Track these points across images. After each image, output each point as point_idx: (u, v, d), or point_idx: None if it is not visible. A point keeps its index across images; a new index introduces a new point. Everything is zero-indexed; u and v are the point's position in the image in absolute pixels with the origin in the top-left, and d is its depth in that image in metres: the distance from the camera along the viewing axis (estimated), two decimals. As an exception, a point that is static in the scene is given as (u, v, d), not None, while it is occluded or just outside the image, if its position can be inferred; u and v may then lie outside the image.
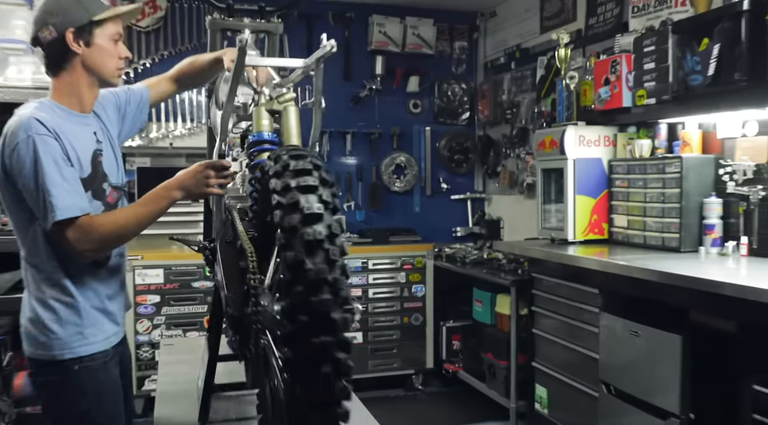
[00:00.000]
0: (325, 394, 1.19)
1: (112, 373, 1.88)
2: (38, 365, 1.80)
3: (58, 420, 1.83)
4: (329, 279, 1.17)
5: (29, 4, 3.66)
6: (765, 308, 2.02)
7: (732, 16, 2.56)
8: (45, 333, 1.77)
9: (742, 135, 2.86)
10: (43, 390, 1.84)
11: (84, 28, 1.78)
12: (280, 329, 1.20)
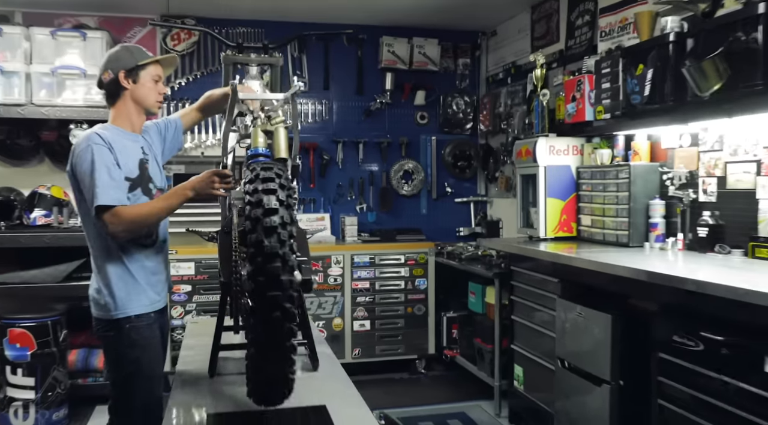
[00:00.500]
0: (277, 333, 1.75)
1: (154, 333, 2.48)
2: (101, 323, 2.41)
3: (116, 365, 2.43)
4: (280, 253, 1.72)
5: (83, 36, 4.32)
6: (673, 291, 2.48)
7: (661, 46, 3.03)
8: (105, 298, 2.36)
9: (679, 146, 3.31)
10: (105, 342, 2.45)
11: (132, 70, 2.43)
12: (248, 288, 1.75)
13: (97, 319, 2.41)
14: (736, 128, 2.96)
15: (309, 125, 5.33)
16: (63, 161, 4.68)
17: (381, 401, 4.38)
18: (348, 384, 2.46)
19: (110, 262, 2.38)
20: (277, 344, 1.75)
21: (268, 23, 5.18)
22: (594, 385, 3.03)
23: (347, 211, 5.38)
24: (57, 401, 4.05)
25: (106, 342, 2.42)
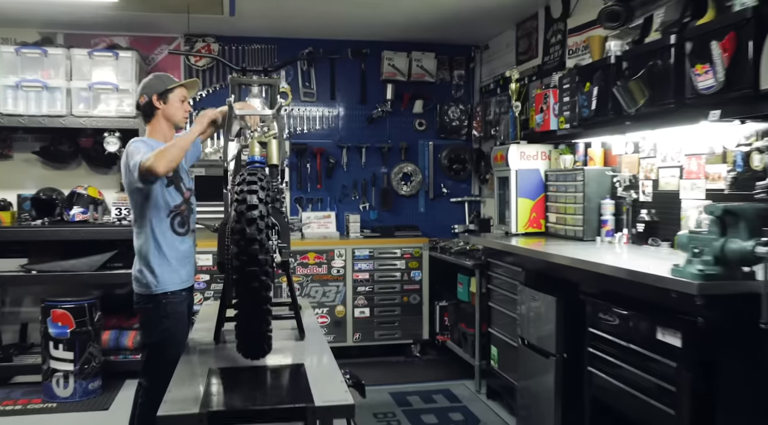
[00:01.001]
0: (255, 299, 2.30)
1: (183, 308, 3.08)
2: (142, 298, 3.00)
3: (151, 333, 3.01)
4: (258, 238, 2.27)
5: (115, 56, 4.94)
6: (597, 276, 2.98)
7: (604, 67, 3.51)
8: (147, 278, 2.95)
9: (625, 153, 3.79)
10: (144, 314, 3.03)
11: (162, 93, 3.04)
12: (234, 265, 2.31)
13: (139, 295, 3.00)
14: (665, 138, 3.44)
15: (317, 131, 5.89)
16: (98, 165, 5.37)
17: (378, 379, 4.94)
18: (326, 350, 3.00)
19: (151, 248, 2.97)
20: (256, 308, 2.31)
21: (281, 40, 5.75)
22: (544, 358, 3.54)
23: (351, 209, 5.93)
24: (92, 373, 4.67)
25: (146, 313, 3.00)
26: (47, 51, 4.88)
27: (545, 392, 3.54)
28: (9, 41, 5.23)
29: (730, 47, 2.58)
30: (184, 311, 3.11)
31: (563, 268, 3.34)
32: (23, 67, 4.83)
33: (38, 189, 5.27)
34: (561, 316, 3.41)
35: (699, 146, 3.22)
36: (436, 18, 5.13)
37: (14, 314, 5.38)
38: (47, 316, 4.55)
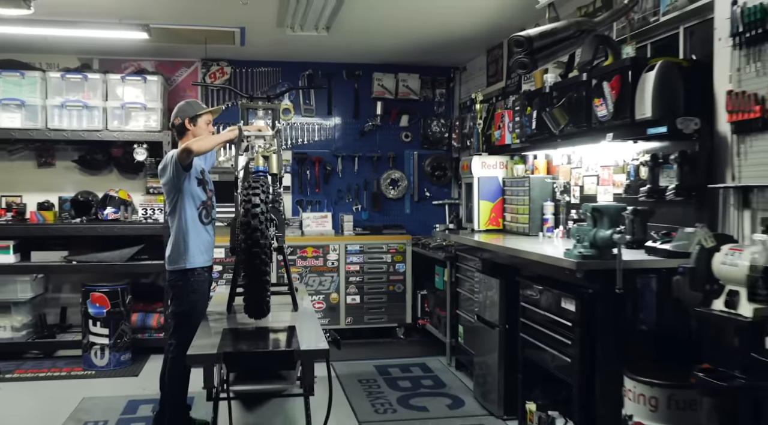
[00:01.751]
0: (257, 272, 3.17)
1: (205, 284, 3.96)
2: (174, 274, 3.85)
3: (181, 302, 3.86)
4: (260, 228, 3.14)
5: (144, 80, 5.82)
6: (526, 261, 3.83)
7: (541, 95, 4.35)
8: (177, 256, 3.82)
9: (562, 163, 4.64)
10: (175, 288, 3.88)
11: (193, 117, 3.91)
12: (242, 248, 3.18)
13: (171, 271, 3.86)
14: (587, 153, 4.28)
15: (316, 142, 6.77)
16: (127, 171, 6.25)
17: (366, 356, 5.80)
18: (314, 318, 3.88)
19: (182, 234, 3.83)
20: (258, 279, 3.18)
21: (284, 63, 6.64)
22: (492, 329, 4.39)
23: (345, 210, 6.79)
24: (124, 346, 5.56)
25: (177, 287, 3.86)
26: (87, 76, 5.78)
27: (492, 357, 4.39)
28: (53, 66, 6.13)
29: (616, 86, 3.43)
30: (206, 289, 3.98)
31: (506, 257, 4.19)
32: (67, 89, 5.74)
33: (76, 192, 6.17)
34: (503, 295, 4.25)
35: (609, 159, 4.07)
36: (419, 45, 5.98)
37: (56, 299, 6.28)
38: (87, 298, 5.44)
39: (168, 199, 3.90)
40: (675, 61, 3.33)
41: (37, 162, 6.27)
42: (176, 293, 3.92)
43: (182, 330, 3.82)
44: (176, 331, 3.89)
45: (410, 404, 4.63)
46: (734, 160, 3.03)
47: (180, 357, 3.73)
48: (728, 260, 2.52)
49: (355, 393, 4.84)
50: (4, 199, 6.14)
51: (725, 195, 3.07)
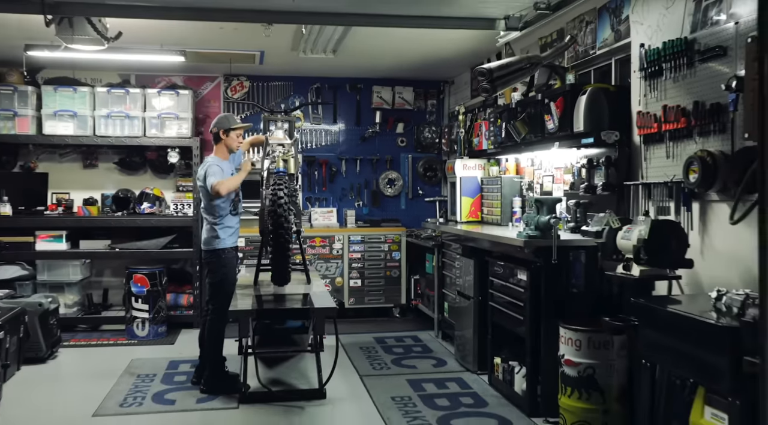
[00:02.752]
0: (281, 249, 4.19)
1: (233, 261, 4.93)
2: (209, 253, 4.81)
3: (215, 275, 4.81)
4: (284, 215, 4.17)
5: (176, 94, 6.82)
6: (493, 243, 4.81)
7: (508, 109, 5.34)
8: (212, 239, 4.78)
9: (527, 165, 5.62)
10: (209, 264, 4.83)
11: (227, 129, 4.87)
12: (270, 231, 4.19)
13: (207, 251, 4.83)
14: (545, 157, 5.27)
15: (322, 147, 7.76)
16: (160, 172, 7.24)
17: (367, 330, 6.77)
18: (323, 289, 4.89)
19: (215, 222, 4.78)
20: (282, 253, 4.18)
21: (295, 78, 7.63)
22: (468, 300, 5.37)
23: (348, 206, 7.78)
24: (160, 320, 6.55)
25: (212, 263, 4.82)
26: (129, 91, 6.78)
27: (468, 324, 5.37)
28: (96, 81, 7.13)
29: (560, 106, 4.42)
30: (234, 264, 4.95)
31: (478, 241, 5.18)
32: (112, 102, 6.74)
33: (117, 189, 7.15)
34: (476, 272, 5.23)
35: (560, 162, 5.05)
36: (413, 63, 6.97)
37: (98, 282, 7.28)
38: (130, 279, 6.43)
39: (203, 193, 4.86)
40: (603, 86, 4.30)
41: (83, 164, 7.26)
42: (211, 268, 4.87)
43: (217, 298, 4.80)
44: (212, 298, 4.86)
45: (402, 364, 5.62)
46: (643, 163, 4.01)
47: (216, 319, 4.75)
48: (625, 236, 3.51)
49: (356, 356, 5.82)
50: (54, 195, 7.13)
51: (636, 190, 4.05)
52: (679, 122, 3.62)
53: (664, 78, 3.78)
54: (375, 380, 5.13)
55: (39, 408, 4.52)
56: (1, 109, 6.56)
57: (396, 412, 4.39)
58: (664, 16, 3.83)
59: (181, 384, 5.00)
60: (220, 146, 4.92)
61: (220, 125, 4.92)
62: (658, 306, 3.19)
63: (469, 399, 4.69)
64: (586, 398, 3.78)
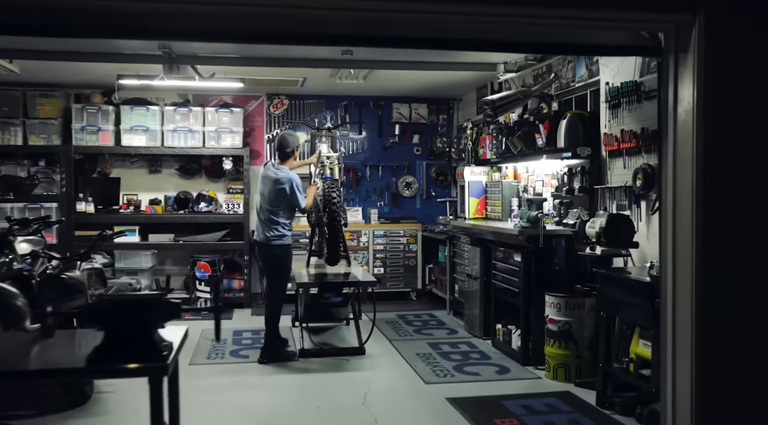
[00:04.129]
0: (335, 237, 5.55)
1: (291, 253, 6.21)
2: (277, 247, 5.98)
3: (280, 266, 6.06)
4: (336, 210, 5.53)
5: (230, 111, 8.16)
6: (495, 234, 6.13)
7: (508, 127, 6.65)
8: (281, 236, 6.01)
9: (523, 172, 6.94)
10: (276, 256, 6.04)
11: (297, 146, 6.17)
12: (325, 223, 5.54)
13: (277, 246, 6.01)
14: (537, 166, 6.58)
15: (351, 155, 9.07)
16: (214, 176, 8.60)
17: (389, 309, 8.08)
18: (360, 269, 6.22)
19: (286, 223, 6.02)
20: (335, 239, 5.51)
21: (327, 96, 8.94)
22: (475, 280, 6.68)
23: (372, 206, 9.09)
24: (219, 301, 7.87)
25: (279, 255, 6.01)
26: (192, 109, 8.13)
27: (475, 300, 6.68)
28: (160, 100, 8.45)
29: (547, 127, 5.73)
30: (291, 255, 6.26)
31: (484, 232, 6.51)
32: (177, 118, 8.07)
33: (177, 191, 8.48)
34: (482, 257, 6.54)
35: (548, 170, 6.37)
36: (427, 85, 8.29)
37: (162, 270, 8.60)
38: (195, 266, 7.77)
39: (274, 201, 6.02)
40: (579, 112, 5.62)
41: (149, 170, 8.60)
42: (279, 259, 6.05)
43: (279, 283, 6.07)
44: (276, 283, 6.10)
45: (421, 332, 6.95)
46: (608, 172, 5.33)
47: (278, 301, 6.01)
48: (591, 226, 4.83)
49: (384, 327, 7.12)
50: (125, 196, 8.46)
51: (603, 192, 5.37)
52: (631, 142, 4.94)
53: (622, 109, 5.10)
54: (401, 343, 6.46)
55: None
56: (87, 125, 7.91)
57: (420, 362, 5.72)
58: (622, 62, 5.15)
59: (249, 346, 6.34)
60: (291, 159, 6.10)
61: (295, 143, 6.09)
62: (613, 274, 4.53)
63: (477, 355, 6.01)
64: (564, 346, 5.10)
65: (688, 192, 3.16)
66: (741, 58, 3.12)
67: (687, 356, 3.21)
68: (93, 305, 2.41)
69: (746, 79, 3.14)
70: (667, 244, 3.32)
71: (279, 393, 5.03)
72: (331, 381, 5.32)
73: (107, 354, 2.21)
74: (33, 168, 8.00)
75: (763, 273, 3.15)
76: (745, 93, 3.15)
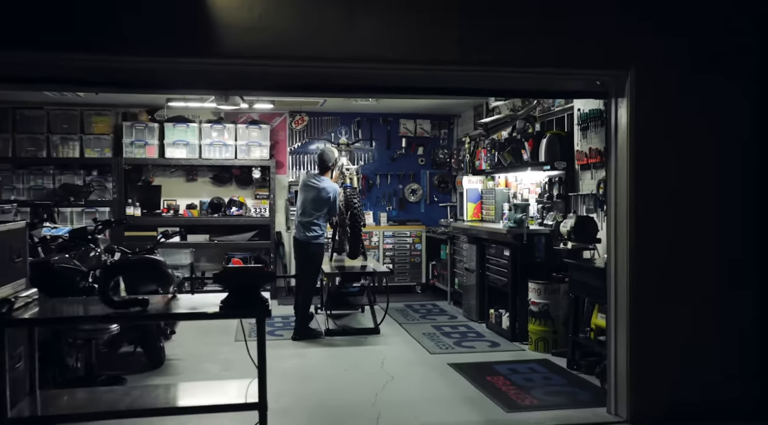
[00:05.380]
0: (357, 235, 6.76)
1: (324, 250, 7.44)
2: (315, 245, 7.14)
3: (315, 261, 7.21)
4: (359, 213, 6.75)
5: (259, 127, 9.37)
6: (489, 233, 7.31)
7: (500, 143, 7.84)
8: (318, 236, 7.14)
9: (513, 180, 8.13)
10: (314, 253, 7.19)
11: (335, 161, 7.37)
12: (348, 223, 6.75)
13: (314, 244, 7.16)
14: (524, 176, 7.77)
15: (363, 165, 10.26)
16: (243, 184, 9.83)
17: (398, 300, 9.25)
18: (377, 262, 7.41)
19: (323, 224, 7.19)
20: (357, 238, 6.72)
21: (342, 114, 10.14)
22: (472, 273, 7.86)
23: (382, 210, 10.28)
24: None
25: (316, 253, 7.18)
26: (225, 126, 9.33)
27: (472, 289, 7.86)
28: (196, 117, 9.65)
29: (531, 145, 6.93)
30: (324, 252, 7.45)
31: (479, 232, 7.69)
32: (213, 134, 9.27)
33: (211, 197, 9.67)
34: (479, 253, 7.72)
35: (533, 180, 7.55)
36: (430, 104, 9.49)
37: (197, 266, 9.78)
38: (229, 261, 8.95)
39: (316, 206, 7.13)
40: (557, 132, 6.81)
41: (186, 178, 9.79)
42: (314, 255, 7.20)
43: (313, 274, 7.25)
44: (309, 275, 7.28)
45: (426, 318, 8.13)
46: (579, 182, 6.52)
47: (309, 290, 7.18)
48: (563, 226, 6.01)
49: (394, 314, 8.29)
50: (165, 202, 9.65)
51: (576, 198, 6.55)
52: (597, 158, 6.12)
53: (590, 130, 6.29)
54: (409, 325, 7.64)
55: (197, 340, 7.01)
56: (136, 140, 9.11)
57: (426, 339, 6.90)
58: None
59: (281, 327, 7.51)
60: (330, 171, 7.19)
61: (334, 158, 7.23)
62: (579, 263, 5.71)
63: (473, 334, 7.20)
64: (543, 324, 6.28)
65: (624, 198, 4.38)
66: (659, 102, 4.34)
67: (624, 322, 4.41)
68: (222, 273, 3.52)
69: (664, 117, 4.35)
70: (611, 238, 4.52)
71: (312, 361, 6.21)
72: (353, 353, 6.50)
73: (231, 304, 3.38)
74: (88, 177, 9.19)
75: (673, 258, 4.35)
76: (664, 126, 4.36)
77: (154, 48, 3.91)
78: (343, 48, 4.10)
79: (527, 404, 4.85)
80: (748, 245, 4.47)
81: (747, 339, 4.48)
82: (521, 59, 4.28)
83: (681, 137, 4.39)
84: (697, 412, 4.34)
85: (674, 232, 4.37)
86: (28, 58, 3.92)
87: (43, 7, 3.74)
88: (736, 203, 4.45)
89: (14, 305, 3.25)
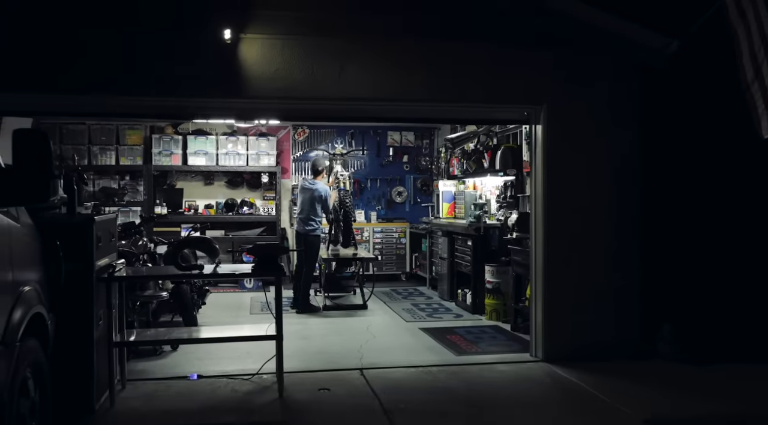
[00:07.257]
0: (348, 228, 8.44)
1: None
2: (313, 236, 8.84)
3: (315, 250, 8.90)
4: (350, 211, 8.43)
5: (268, 139, 11.04)
6: (457, 227, 8.97)
7: (467, 153, 9.49)
8: (316, 228, 8.84)
9: (479, 184, 9.77)
10: (313, 243, 8.88)
11: (325, 167, 9.05)
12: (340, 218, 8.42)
13: (312, 236, 8.83)
14: (487, 180, 9.42)
15: (356, 171, 11.90)
16: (253, 187, 11.56)
17: (385, 286, 10.89)
18: (366, 251, 9.07)
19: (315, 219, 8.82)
20: (348, 230, 8.37)
21: (337, 126, 11.78)
22: (444, 261, 9.50)
23: (372, 209, 11.92)
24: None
25: (314, 242, 8.87)
26: (239, 137, 10.98)
27: (444, 275, 9.49)
28: (214, 131, 11.28)
29: (489, 155, 8.58)
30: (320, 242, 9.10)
31: (451, 227, 9.34)
32: (228, 145, 10.92)
33: (225, 198, 11.30)
34: (450, 245, 9.35)
35: (494, 183, 9.20)
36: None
37: (214, 257, 11.40)
38: (243, 253, 10.58)
39: (312, 205, 8.82)
40: (510, 146, 8.45)
41: (204, 182, 11.43)
42: (312, 244, 8.87)
43: (312, 261, 8.90)
44: (309, 262, 8.91)
45: (407, 298, 9.77)
46: (526, 186, 8.16)
47: (310, 274, 8.83)
48: (510, 219, 7.67)
49: (381, 296, 9.92)
50: (186, 202, 11.28)
51: (523, 199, 8.20)
52: (537, 167, 7.77)
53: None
54: (393, 303, 9.29)
55: (220, 312, 8.64)
56: (163, 150, 10.76)
57: (405, 312, 8.55)
58: (534, 115, 7.99)
59: (285, 304, 9.12)
60: (323, 175, 8.93)
61: (324, 164, 8.92)
62: (518, 248, 7.37)
63: (444, 309, 8.85)
64: (496, 298, 7.92)
65: (540, 195, 6.03)
66: (564, 128, 6.00)
67: (540, 290, 6.07)
68: (254, 247, 5.18)
69: (568, 142, 6.02)
70: (533, 227, 6.18)
71: (312, 326, 7.86)
72: (345, 321, 8.15)
73: (259, 269, 5.04)
74: (122, 182, 10.84)
75: (574, 241, 6.02)
76: (568, 145, 6.02)
77: (202, 91, 5.57)
78: (336, 90, 5.75)
79: (473, 350, 6.50)
80: (632, 232, 6.12)
81: (630, 300, 6.13)
82: (472, 97, 5.95)
83: (581, 152, 6.05)
84: (592, 353, 5.99)
85: (578, 221, 6.03)
86: (111, 100, 5.59)
87: (130, 66, 5.41)
88: (624, 200, 6.11)
89: (115, 269, 4.90)
